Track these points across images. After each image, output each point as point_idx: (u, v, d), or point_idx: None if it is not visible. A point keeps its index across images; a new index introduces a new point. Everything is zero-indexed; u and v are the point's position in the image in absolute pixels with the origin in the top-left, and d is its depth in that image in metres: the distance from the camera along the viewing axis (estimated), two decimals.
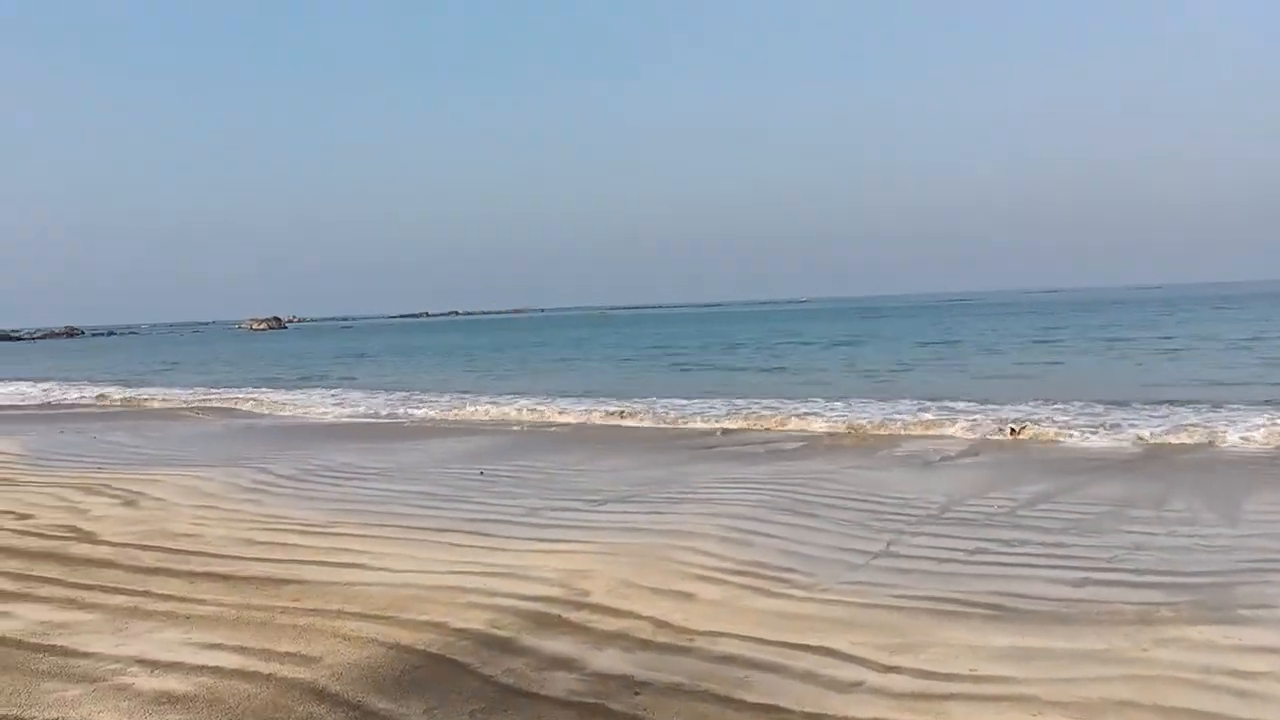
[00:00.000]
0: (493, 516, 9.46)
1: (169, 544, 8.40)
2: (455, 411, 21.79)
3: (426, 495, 10.89)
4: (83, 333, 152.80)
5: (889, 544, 8.00)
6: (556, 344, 61.32)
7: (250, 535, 8.73)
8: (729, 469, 12.50)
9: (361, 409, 23.40)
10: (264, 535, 8.72)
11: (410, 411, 22.39)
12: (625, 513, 9.55)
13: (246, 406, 25.27)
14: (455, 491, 11.12)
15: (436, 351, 57.45)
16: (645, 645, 5.55)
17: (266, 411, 24.04)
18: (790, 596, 6.51)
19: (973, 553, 7.65)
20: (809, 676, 5.02)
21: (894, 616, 6.01)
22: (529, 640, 5.64)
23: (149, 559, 7.82)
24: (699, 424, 17.87)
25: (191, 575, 7.29)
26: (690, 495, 10.45)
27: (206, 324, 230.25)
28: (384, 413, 22.45)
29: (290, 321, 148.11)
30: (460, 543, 8.27)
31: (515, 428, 18.71)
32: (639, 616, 6.07)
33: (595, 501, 10.21)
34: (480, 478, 12.36)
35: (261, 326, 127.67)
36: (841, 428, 16.46)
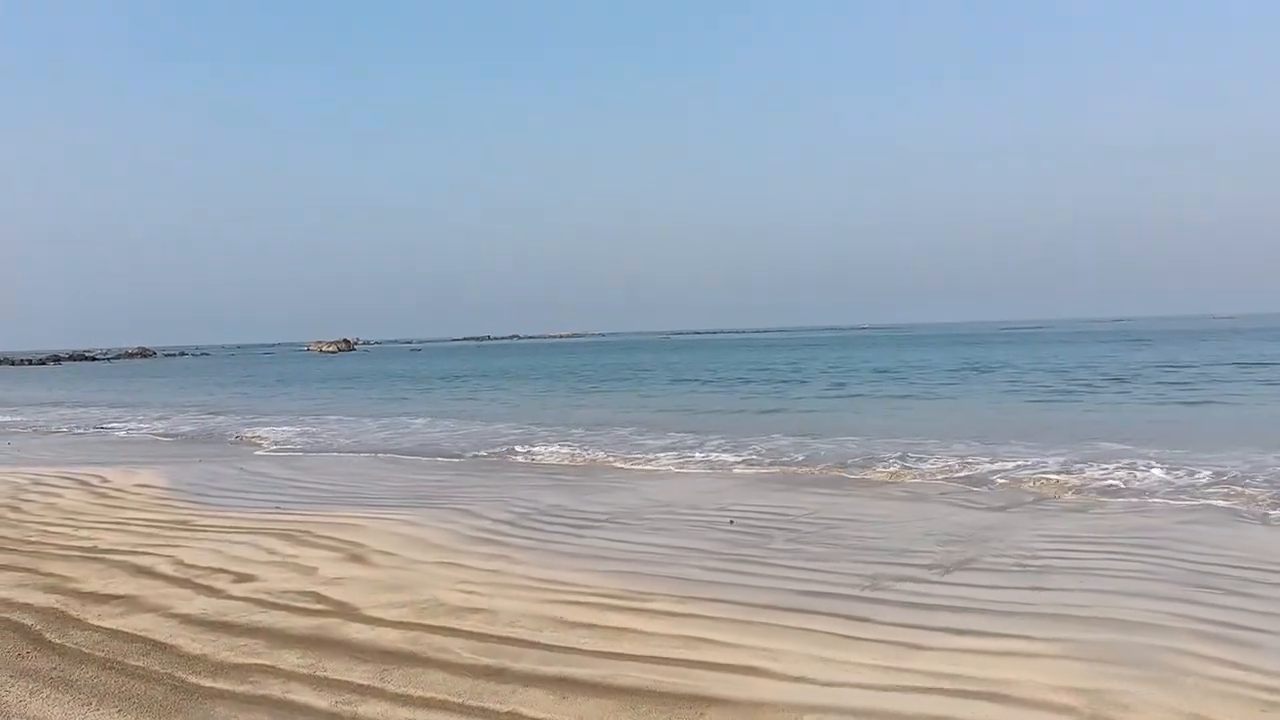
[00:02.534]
0: (831, 588, 7.46)
1: (462, 625, 6.51)
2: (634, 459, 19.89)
3: (704, 553, 8.93)
4: (155, 354, 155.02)
5: None
6: (681, 367, 59.44)
7: (555, 612, 6.81)
8: (1042, 525, 10.35)
9: (558, 448, 21.61)
10: (573, 613, 6.80)
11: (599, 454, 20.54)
12: (1002, 588, 7.47)
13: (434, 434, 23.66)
14: (732, 549, 9.14)
15: (546, 374, 55.94)
16: None
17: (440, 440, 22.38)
18: None
19: None
20: None
21: None
22: None
23: (461, 651, 5.92)
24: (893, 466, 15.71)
25: (543, 682, 5.37)
26: (1033, 561, 8.34)
27: (273, 345, 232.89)
28: (586, 457, 20.60)
29: (356, 344, 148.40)
30: (845, 632, 6.27)
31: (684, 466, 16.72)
32: None
33: (934, 568, 8.15)
34: (732, 528, 10.41)
35: (331, 349, 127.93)
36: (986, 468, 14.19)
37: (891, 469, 15.10)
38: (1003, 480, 13.75)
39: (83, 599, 7.24)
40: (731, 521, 10.74)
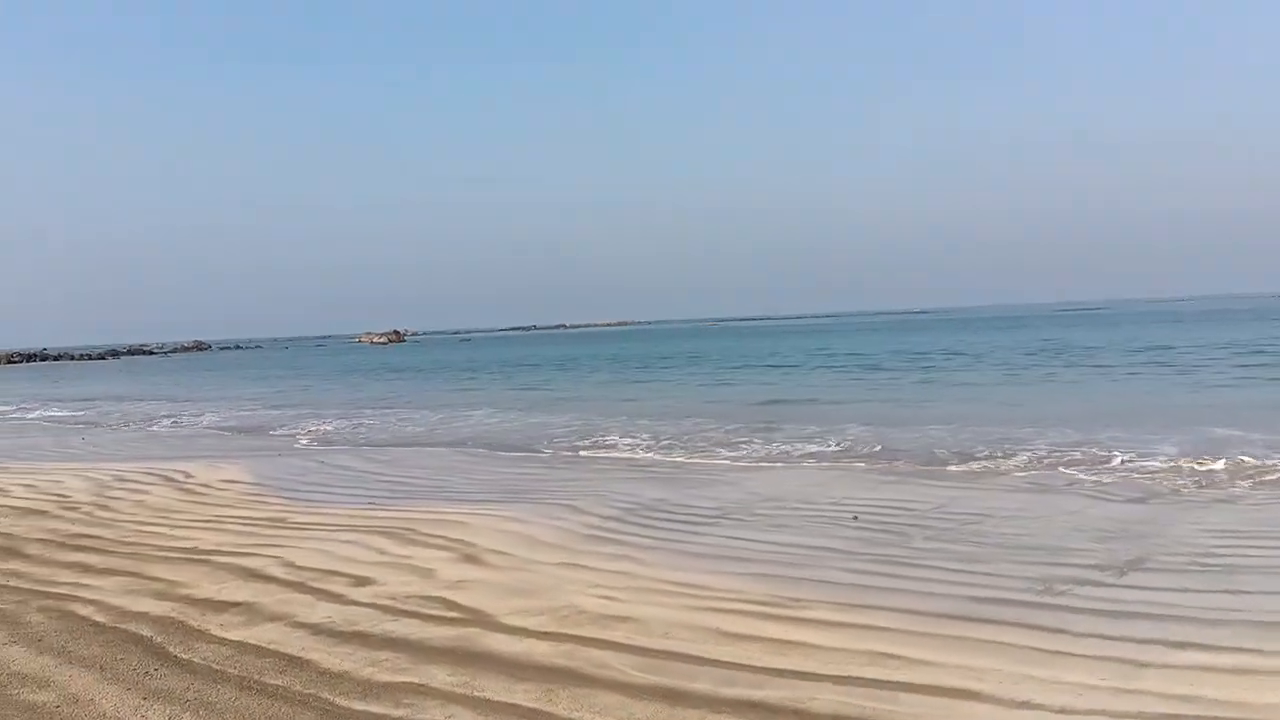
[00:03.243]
0: (1005, 594, 6.78)
1: (612, 636, 5.95)
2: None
3: (841, 554, 8.28)
4: (210, 346, 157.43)
5: None
6: (753, 355, 58.70)
7: (707, 621, 6.22)
8: (1197, 518, 9.55)
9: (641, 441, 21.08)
10: (726, 622, 6.20)
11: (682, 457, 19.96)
12: (1194, 591, 6.73)
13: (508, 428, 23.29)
14: (871, 549, 8.48)
15: (604, 361, 55.52)
16: None
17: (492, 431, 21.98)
18: None
19: None
20: None
21: None
22: None
23: (626, 668, 5.35)
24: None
25: (729, 707, 4.77)
26: (1210, 559, 7.57)
27: (324, 338, 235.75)
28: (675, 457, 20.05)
29: (406, 335, 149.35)
30: (1046, 645, 5.60)
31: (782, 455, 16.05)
32: None
33: (1106, 569, 7.42)
34: (856, 524, 9.75)
35: (382, 340, 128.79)
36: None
37: (1006, 459, 14.30)
38: (1127, 469, 12.91)
39: (199, 607, 6.80)
40: (855, 518, 10.08)
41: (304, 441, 20.83)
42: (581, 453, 16.93)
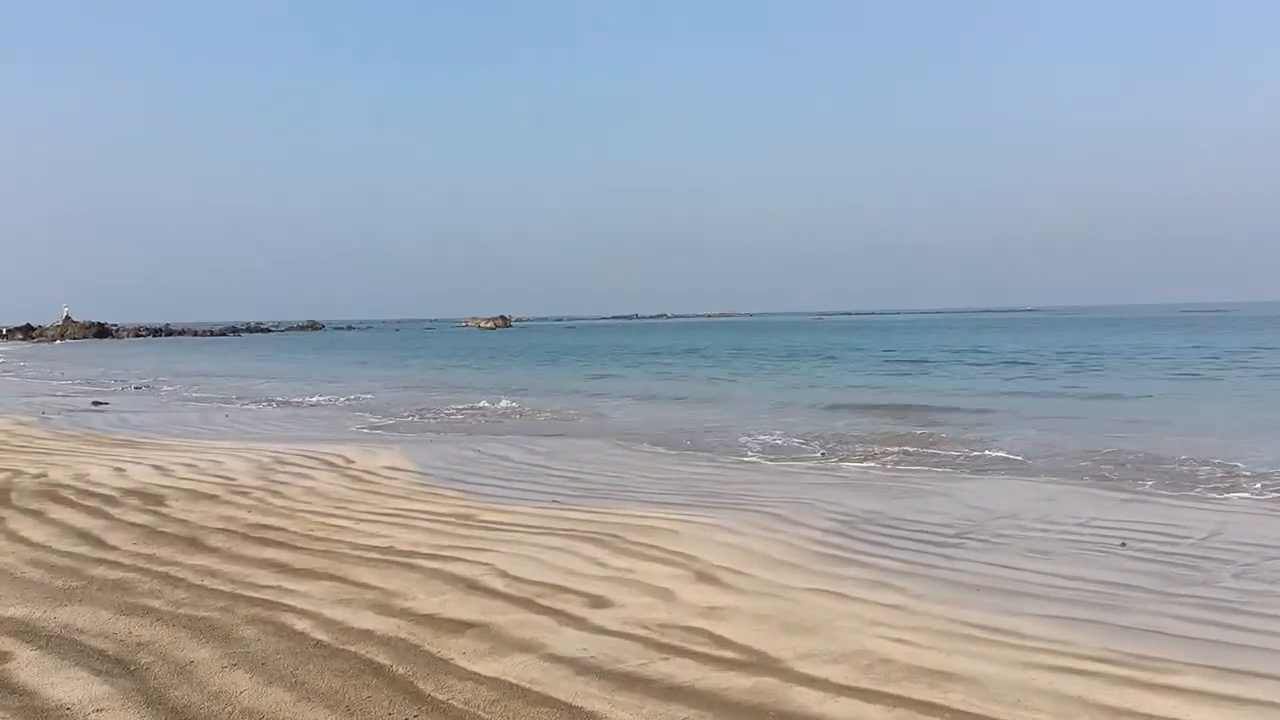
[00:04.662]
0: None
1: (948, 701, 4.77)
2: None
3: (1146, 592, 6.94)
4: (323, 326, 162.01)
5: None
6: (867, 348, 56.88)
7: (1053, 685, 4.98)
8: None
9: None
10: (1079, 687, 4.95)
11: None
12: None
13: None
14: (1180, 587, 7.11)
15: (724, 351, 54.41)
16: None
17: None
18: None
19: None
20: None
21: None
22: None
23: None
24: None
25: None
26: None
27: (432, 321, 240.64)
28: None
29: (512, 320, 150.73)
30: None
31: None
32: None
33: None
34: (1128, 552, 8.35)
35: (489, 325, 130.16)
36: None
37: (1226, 474, 12.60)
38: None
39: (427, 626, 5.89)
40: (1124, 544, 8.67)
41: (451, 423, 20.23)
42: (748, 454, 15.75)
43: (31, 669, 5.07)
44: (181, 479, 12.06)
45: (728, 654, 5.46)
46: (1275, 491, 11.58)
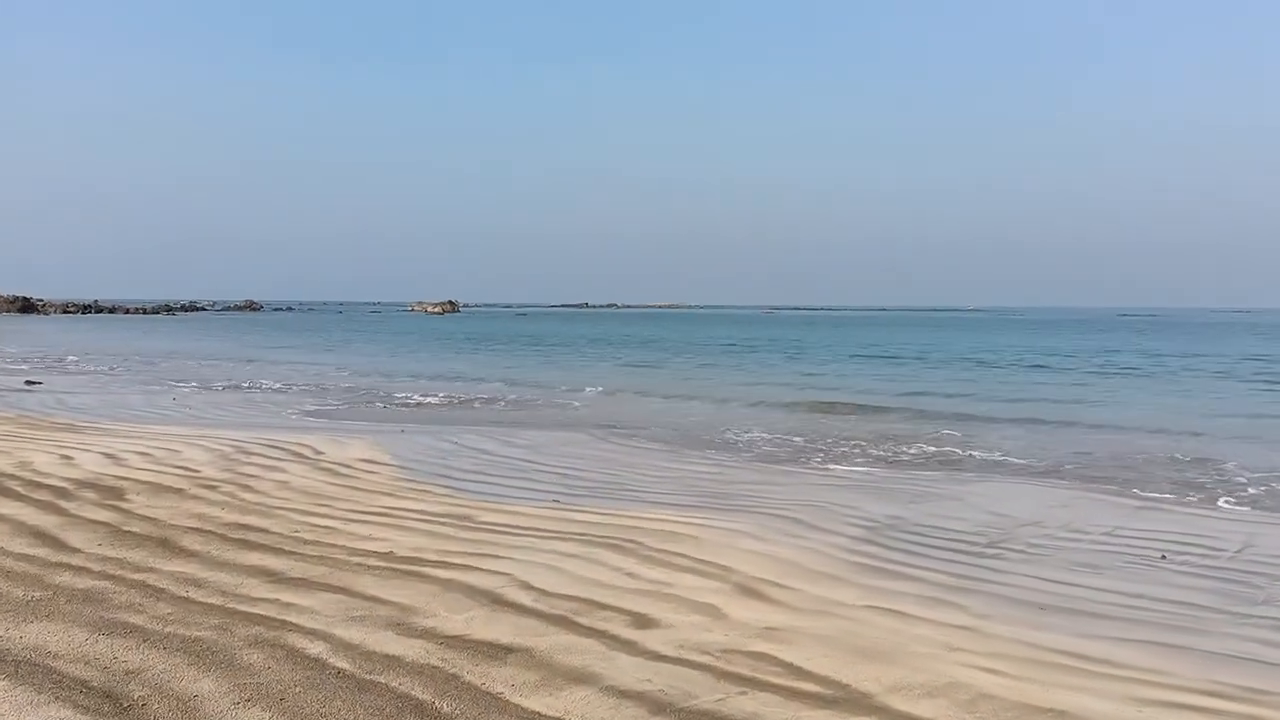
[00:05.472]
0: None
1: None
2: None
3: (1219, 614, 6.57)
4: (261, 307, 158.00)
5: None
6: (829, 343, 56.72)
7: None
8: None
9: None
10: None
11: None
12: None
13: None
14: (1239, 605, 6.80)
15: (681, 343, 53.84)
16: None
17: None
18: None
19: None
20: None
21: None
22: None
23: None
24: None
25: None
26: None
27: (376, 304, 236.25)
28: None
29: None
30: None
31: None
32: None
33: None
34: (1168, 565, 7.98)
35: (437, 309, 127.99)
36: None
37: (1229, 477, 12.39)
38: None
39: (461, 651, 5.17)
40: (1163, 556, 8.28)
41: (417, 413, 19.31)
42: (740, 452, 15.19)
43: (2, 705, 4.25)
44: (138, 469, 11.08)
45: (809, 686, 4.85)
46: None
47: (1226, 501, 11.27)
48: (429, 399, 22.81)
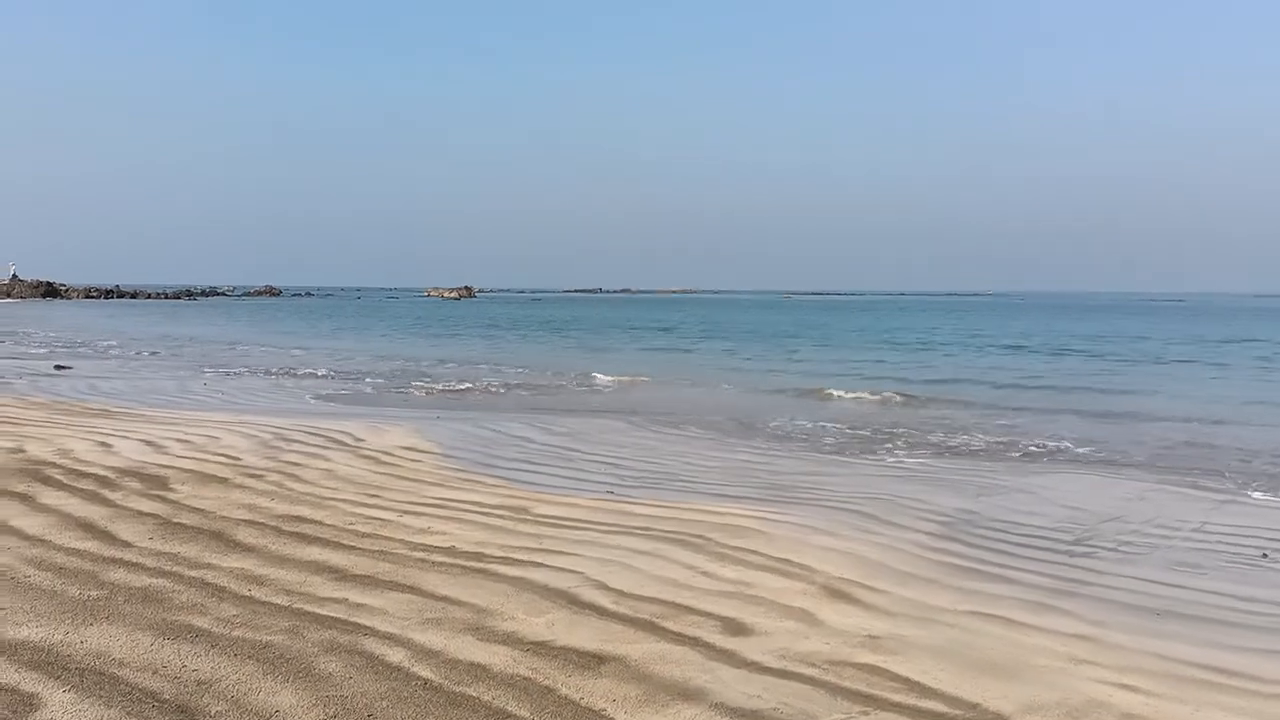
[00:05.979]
0: None
1: None
2: None
3: None
4: (280, 292, 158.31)
5: None
6: (858, 329, 56.16)
7: None
8: None
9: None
10: None
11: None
12: None
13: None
14: None
15: (704, 328, 53.39)
16: None
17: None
18: None
19: None
20: None
21: None
22: None
23: None
24: None
25: None
26: None
27: (392, 290, 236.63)
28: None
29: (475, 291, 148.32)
30: None
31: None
32: None
33: None
34: (1266, 561, 7.54)
35: (453, 295, 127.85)
36: None
37: None
38: None
39: (549, 659, 4.80)
40: (1265, 555, 7.84)
41: (448, 398, 18.99)
42: (789, 440, 14.78)
43: None
44: (179, 457, 10.78)
45: (934, 705, 4.45)
46: None
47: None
48: (459, 385, 22.48)
